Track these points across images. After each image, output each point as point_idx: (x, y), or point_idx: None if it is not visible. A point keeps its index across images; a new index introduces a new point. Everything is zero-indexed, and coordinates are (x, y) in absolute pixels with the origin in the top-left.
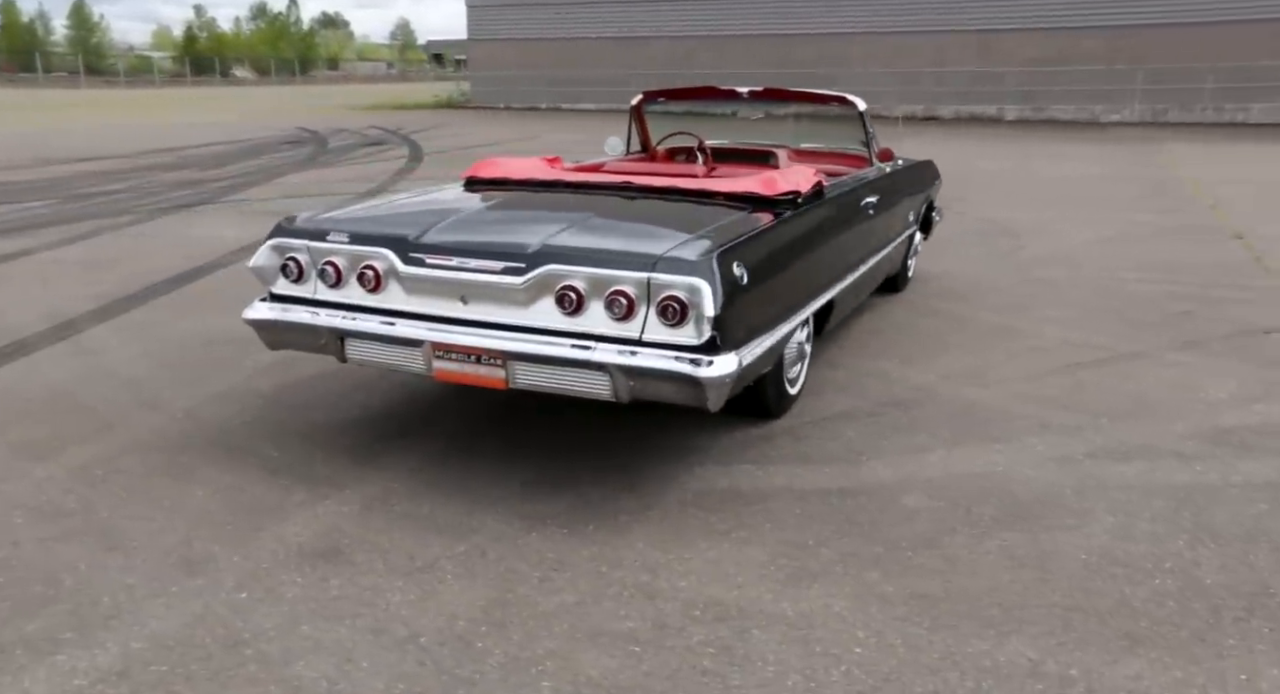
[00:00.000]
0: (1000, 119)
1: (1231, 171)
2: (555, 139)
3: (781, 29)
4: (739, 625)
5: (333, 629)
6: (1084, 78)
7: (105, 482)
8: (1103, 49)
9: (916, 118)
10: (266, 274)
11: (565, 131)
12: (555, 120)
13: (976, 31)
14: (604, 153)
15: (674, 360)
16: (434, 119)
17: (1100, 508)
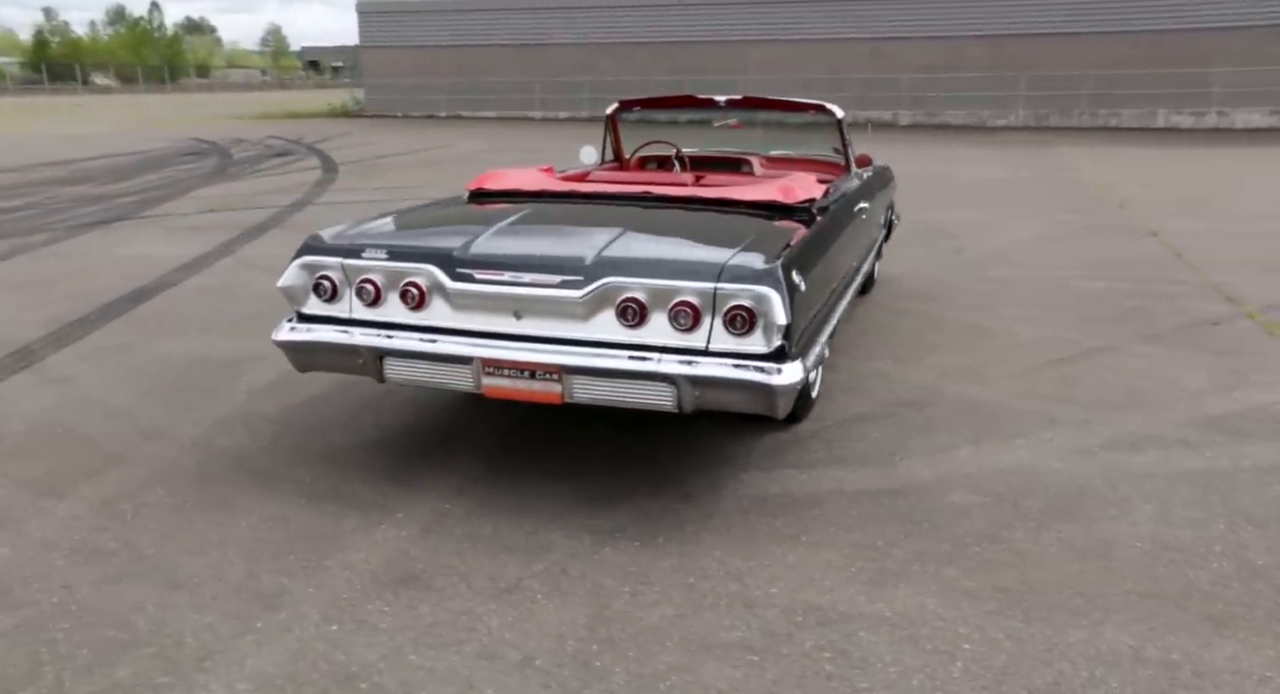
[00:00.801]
0: (895, 124)
1: (1123, 173)
2: (468, 148)
3: (681, 37)
4: (844, 629)
5: (442, 657)
6: (972, 84)
7: (137, 517)
8: (987, 57)
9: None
10: (296, 294)
11: (475, 140)
12: (459, 129)
13: (869, 39)
14: (580, 162)
15: (748, 370)
16: (333, 128)
17: (1135, 497)
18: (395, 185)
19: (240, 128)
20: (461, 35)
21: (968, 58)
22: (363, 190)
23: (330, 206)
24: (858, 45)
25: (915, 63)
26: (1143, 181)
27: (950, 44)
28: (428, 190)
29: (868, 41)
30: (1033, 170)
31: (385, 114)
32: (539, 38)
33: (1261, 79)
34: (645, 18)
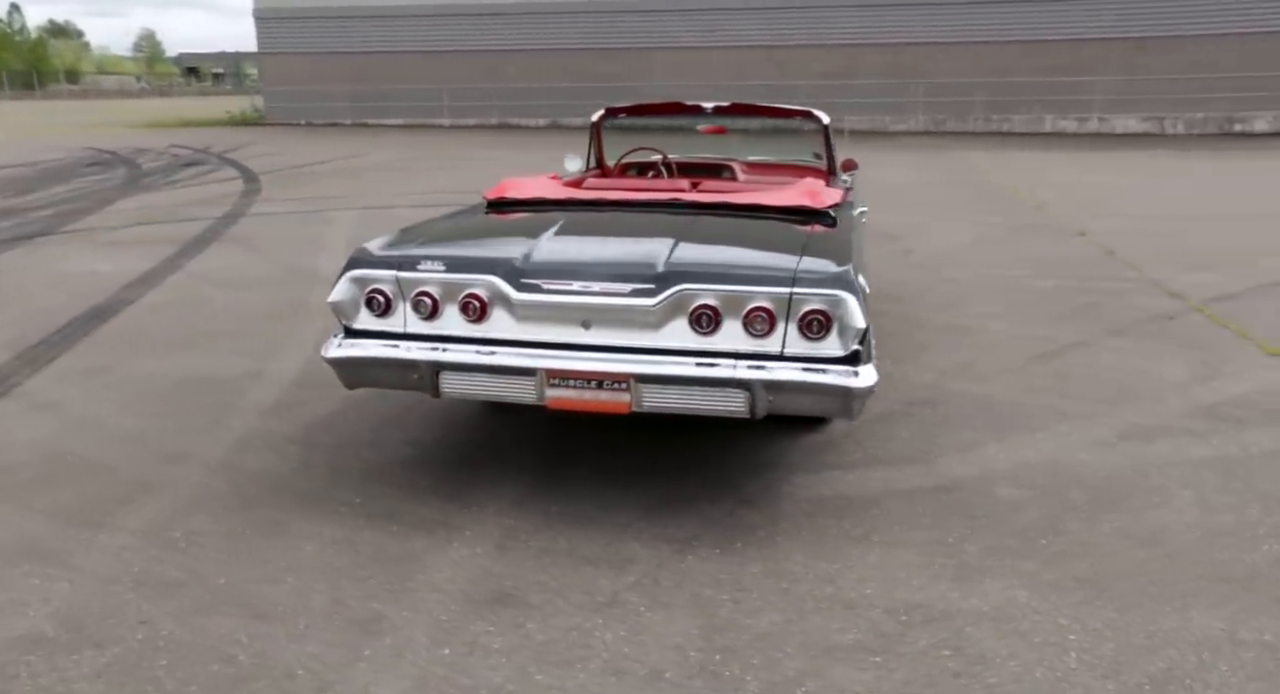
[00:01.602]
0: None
1: (1030, 175)
2: (383, 157)
3: (588, 43)
4: (950, 626)
5: (569, 675)
6: (871, 90)
7: (193, 545)
8: (884, 64)
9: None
10: (345, 309)
11: (387, 149)
12: (367, 137)
13: (769, 46)
14: (565, 170)
15: (828, 373)
16: (237, 137)
17: (1168, 485)
18: (325, 195)
19: (136, 137)
20: (364, 42)
21: (866, 65)
22: (292, 201)
23: (265, 217)
24: (760, 52)
25: (816, 69)
26: (1050, 183)
27: (849, 51)
28: (362, 200)
29: (770, 48)
30: (945, 173)
31: (287, 122)
32: (444, 44)
33: (1136, 88)
34: (551, 24)
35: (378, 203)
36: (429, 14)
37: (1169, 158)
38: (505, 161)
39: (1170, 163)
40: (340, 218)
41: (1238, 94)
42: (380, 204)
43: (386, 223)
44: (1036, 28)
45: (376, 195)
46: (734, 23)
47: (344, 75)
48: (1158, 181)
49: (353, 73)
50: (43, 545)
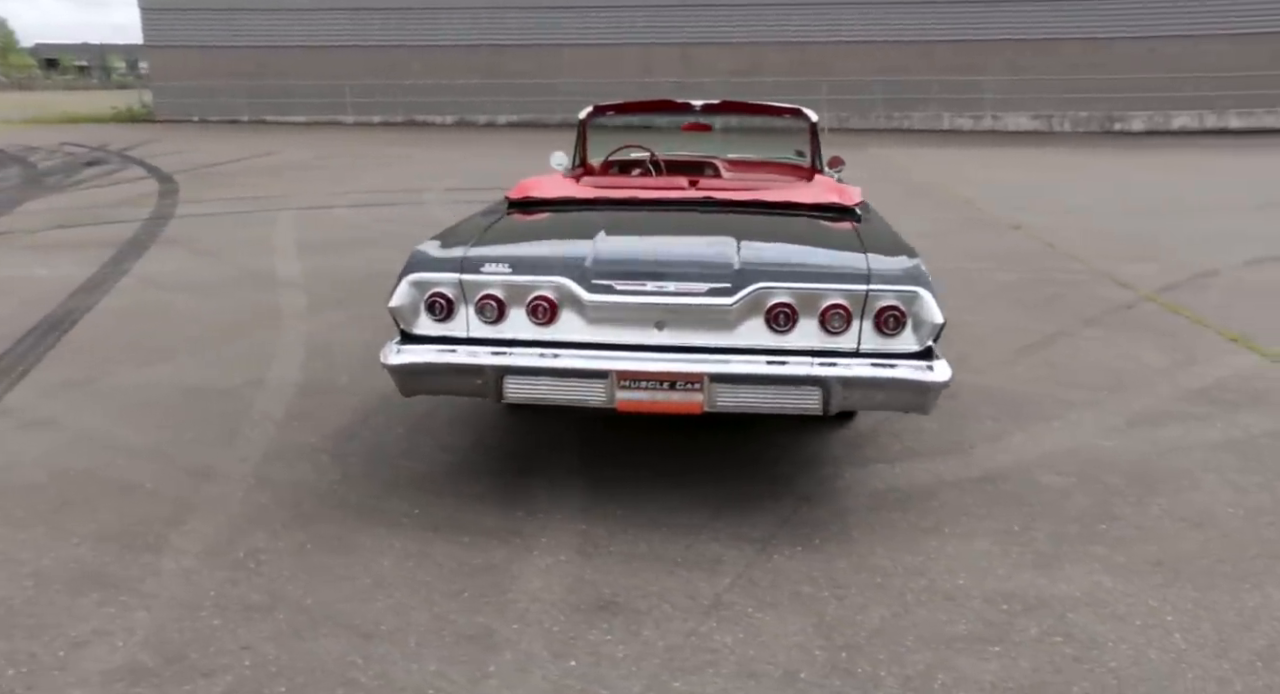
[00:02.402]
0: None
1: (945, 171)
2: (297, 155)
3: (494, 39)
4: (1051, 612)
5: (707, 680)
6: (776, 88)
7: (263, 565)
8: (789, 62)
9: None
10: (405, 314)
11: (299, 147)
12: (272, 134)
13: (678, 44)
14: (550, 167)
15: (906, 369)
16: (131, 134)
17: (1192, 468)
18: (252, 195)
19: (18, 134)
20: (261, 35)
21: (770, 63)
22: (219, 202)
23: (198, 219)
24: (668, 49)
25: (723, 67)
26: (968, 180)
27: (754, 49)
28: (295, 200)
29: (677, 46)
30: (869, 170)
31: (178, 119)
32: (346, 39)
33: (1025, 86)
34: (458, 19)
35: (313, 203)
36: (328, 8)
37: (1066, 154)
38: (428, 160)
39: (1067, 159)
40: (279, 219)
41: (1116, 95)
42: (316, 204)
43: (329, 223)
44: (928, 29)
45: (308, 195)
46: (643, 20)
47: (240, 70)
48: (1062, 176)
49: (250, 67)
50: (103, 572)
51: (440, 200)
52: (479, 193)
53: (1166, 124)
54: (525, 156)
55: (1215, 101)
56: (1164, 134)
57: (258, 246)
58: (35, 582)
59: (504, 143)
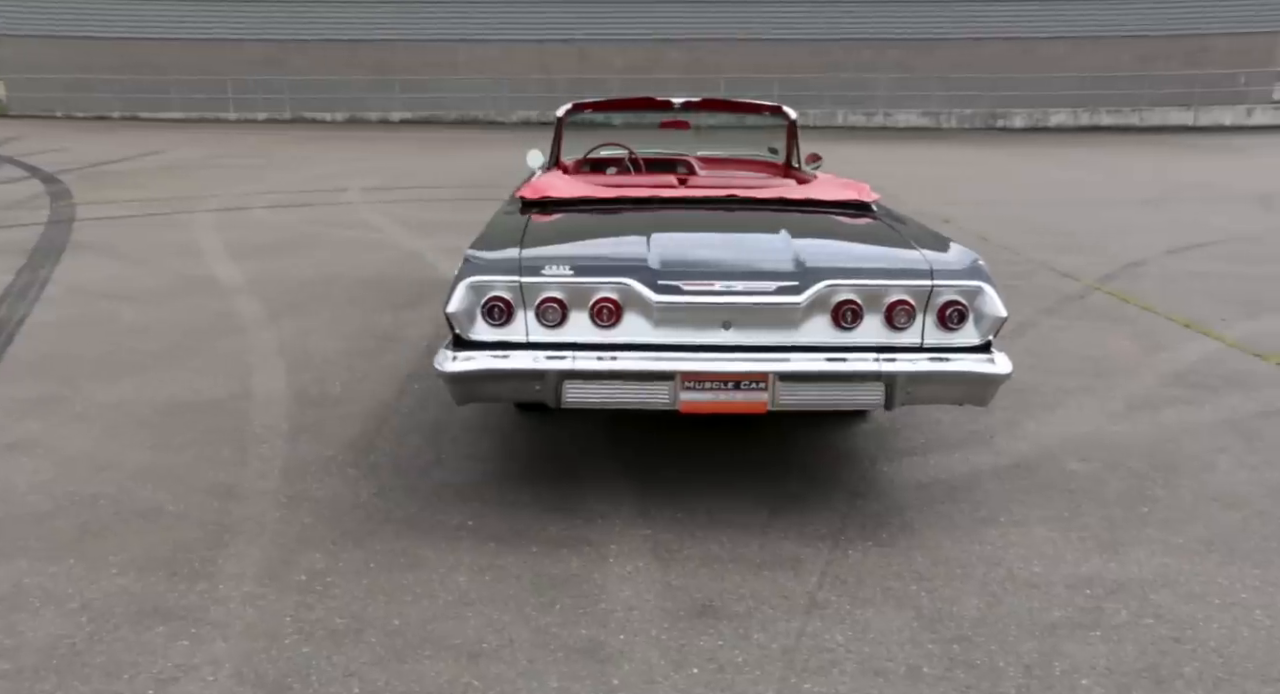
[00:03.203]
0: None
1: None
2: (187, 154)
3: (385, 35)
4: (1133, 595)
5: (835, 680)
6: (673, 86)
7: (331, 587)
8: (685, 60)
9: (532, 122)
10: (462, 319)
11: (189, 145)
12: (151, 132)
13: (575, 42)
14: (527, 166)
15: (972, 362)
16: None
17: (1202, 450)
18: (156, 196)
19: None
20: (130, 26)
21: (667, 61)
22: (121, 203)
23: (107, 223)
24: (564, 47)
25: (619, 65)
26: (883, 174)
27: (651, 47)
28: (206, 201)
29: (573, 43)
30: None
31: (37, 114)
32: (224, 32)
33: (913, 85)
34: (346, 13)
35: (227, 205)
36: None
37: (957, 149)
38: (331, 159)
39: (959, 154)
40: (196, 221)
41: (997, 93)
42: (231, 206)
43: (253, 226)
44: (821, 29)
45: (217, 196)
46: (539, 18)
47: (107, 63)
48: (961, 171)
49: (118, 61)
50: (160, 604)
51: (364, 200)
52: (402, 192)
53: (1045, 121)
54: (431, 154)
55: (1088, 100)
56: (1043, 130)
57: (185, 251)
58: (89, 617)
59: (403, 140)
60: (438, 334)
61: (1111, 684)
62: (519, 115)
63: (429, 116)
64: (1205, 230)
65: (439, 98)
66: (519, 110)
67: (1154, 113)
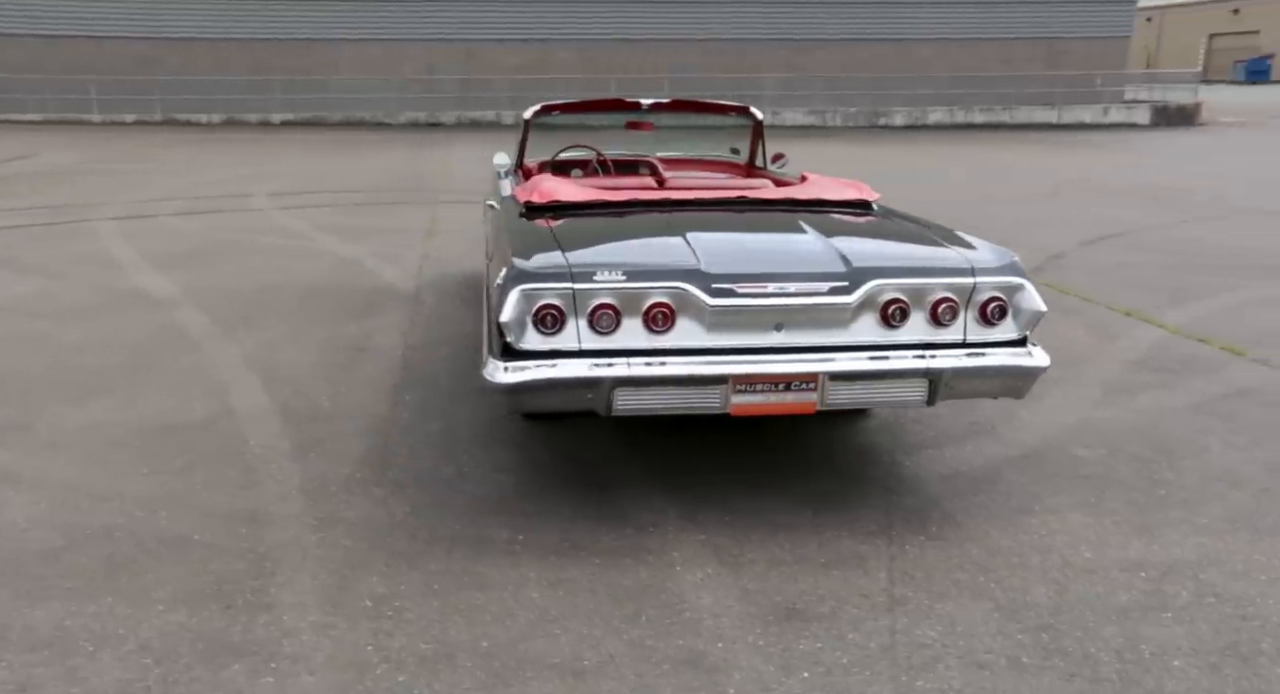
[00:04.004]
0: (499, 123)
1: None
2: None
3: (264, 34)
4: (1187, 576)
5: (945, 676)
6: (563, 86)
7: (402, 612)
8: (575, 60)
9: (421, 124)
10: (515, 328)
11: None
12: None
13: (463, 41)
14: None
15: (1013, 356)
16: None
17: (1188, 432)
18: (45, 204)
19: None
20: None
21: (558, 61)
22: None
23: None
24: (452, 46)
25: (510, 65)
26: None
27: (541, 47)
28: (101, 209)
29: (462, 43)
30: None
31: None
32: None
33: (799, 84)
34: (219, 9)
35: (128, 212)
36: None
37: (844, 146)
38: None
39: (849, 151)
40: (102, 231)
41: (879, 92)
42: (133, 213)
43: (166, 234)
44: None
45: (112, 203)
46: (426, 16)
47: None
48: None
49: None
50: (225, 639)
51: (275, 206)
52: (312, 197)
53: (924, 119)
54: (326, 157)
55: (962, 99)
56: (922, 128)
57: (101, 263)
58: (154, 658)
59: (290, 144)
60: (408, 344)
61: (1202, 663)
62: (407, 116)
63: (313, 118)
64: (1107, 223)
65: (323, 99)
66: (407, 111)
67: (1021, 111)
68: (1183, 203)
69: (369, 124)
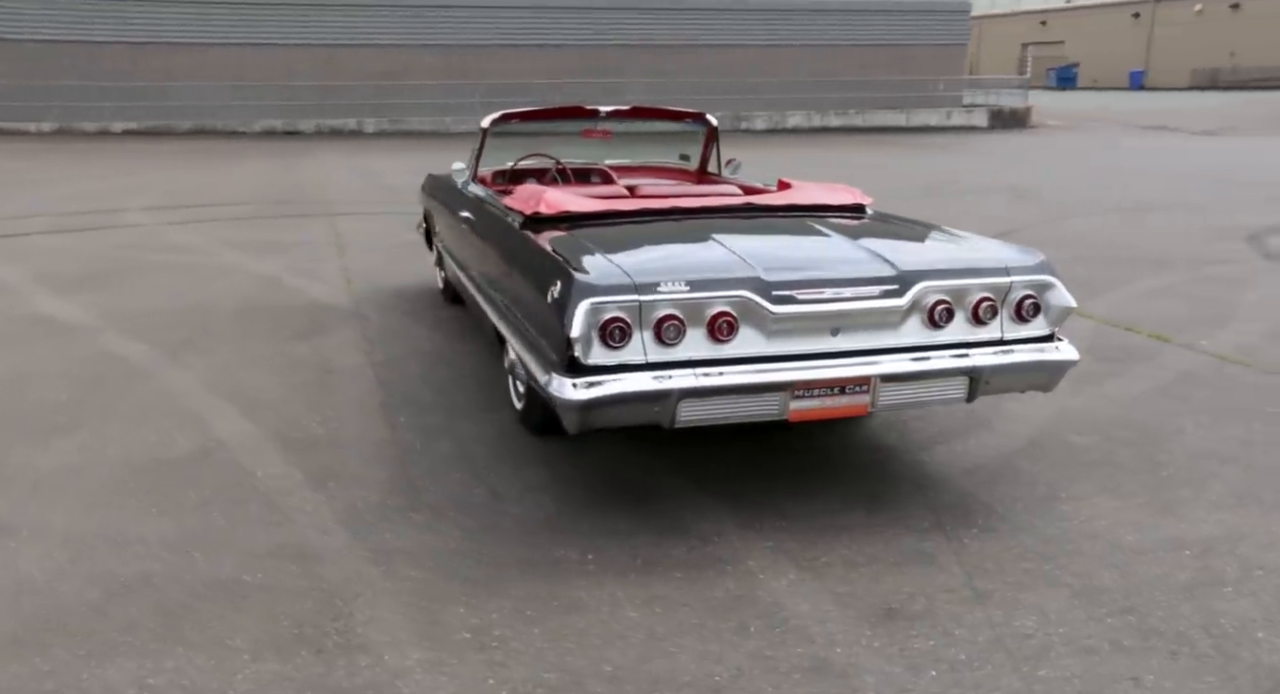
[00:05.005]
0: (361, 131)
1: None
2: None
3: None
4: (1224, 550)
5: (1061, 663)
6: (428, 92)
7: (509, 640)
8: (441, 65)
9: (278, 132)
10: (584, 343)
11: None
12: None
13: (324, 45)
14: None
15: (1048, 352)
16: None
17: (1163, 415)
18: None
19: None
20: None
21: (423, 66)
22: None
23: None
24: (312, 50)
25: (371, 69)
26: None
27: (404, 52)
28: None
29: (322, 47)
30: None
31: None
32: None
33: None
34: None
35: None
36: None
37: None
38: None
39: None
40: None
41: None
42: None
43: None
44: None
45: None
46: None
47: None
48: None
49: None
50: (336, 685)
51: (157, 221)
52: (195, 211)
53: (784, 123)
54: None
55: (819, 103)
56: (782, 131)
57: None
58: None
59: (140, 154)
60: (374, 362)
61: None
62: (263, 124)
63: (159, 126)
64: (994, 221)
65: (168, 106)
66: (263, 119)
67: (874, 115)
68: (1052, 200)
69: (222, 132)
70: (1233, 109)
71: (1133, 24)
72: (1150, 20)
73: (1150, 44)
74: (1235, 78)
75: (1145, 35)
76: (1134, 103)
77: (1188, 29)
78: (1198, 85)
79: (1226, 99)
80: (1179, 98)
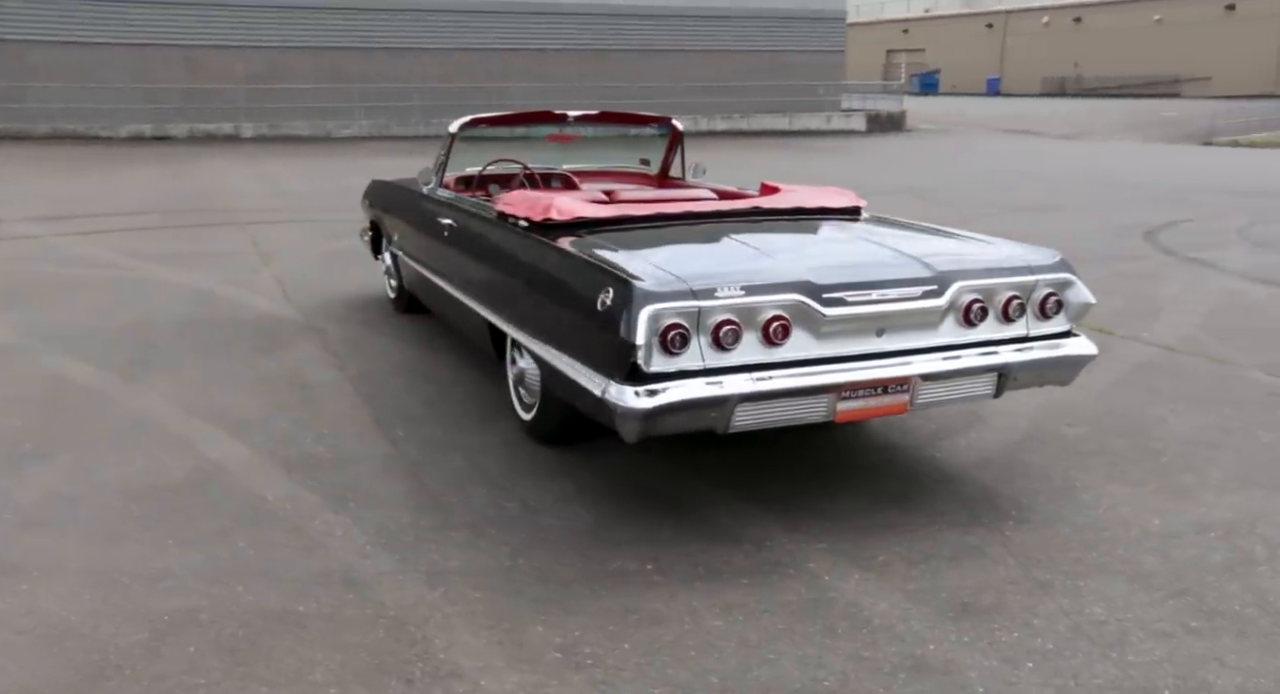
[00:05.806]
0: (238, 136)
1: None
2: None
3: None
4: (1244, 531)
5: (1143, 648)
6: (310, 96)
7: (604, 659)
8: (315, 68)
9: (146, 137)
10: (646, 351)
11: None
12: None
13: (182, 46)
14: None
15: (1073, 346)
16: None
17: (1140, 405)
18: None
19: None
20: None
21: (299, 69)
22: None
23: None
24: (169, 51)
25: (241, 72)
26: None
27: (275, 54)
28: None
29: (180, 48)
30: None
31: None
32: None
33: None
34: None
35: None
36: None
37: None
38: None
39: None
40: None
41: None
42: None
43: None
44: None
45: None
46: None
47: None
48: None
49: None
50: None
51: (52, 232)
52: (90, 221)
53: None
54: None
55: (705, 108)
56: None
57: None
58: None
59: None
60: (349, 376)
61: None
62: (130, 129)
63: (12, 130)
64: None
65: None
66: (129, 124)
67: (758, 119)
68: (950, 200)
69: (83, 137)
70: (1082, 116)
71: (987, 34)
72: (1003, 30)
73: (1004, 53)
74: (1080, 86)
75: (999, 45)
76: (993, 108)
77: (1036, 39)
78: (1048, 92)
79: (1075, 105)
80: (1033, 104)
